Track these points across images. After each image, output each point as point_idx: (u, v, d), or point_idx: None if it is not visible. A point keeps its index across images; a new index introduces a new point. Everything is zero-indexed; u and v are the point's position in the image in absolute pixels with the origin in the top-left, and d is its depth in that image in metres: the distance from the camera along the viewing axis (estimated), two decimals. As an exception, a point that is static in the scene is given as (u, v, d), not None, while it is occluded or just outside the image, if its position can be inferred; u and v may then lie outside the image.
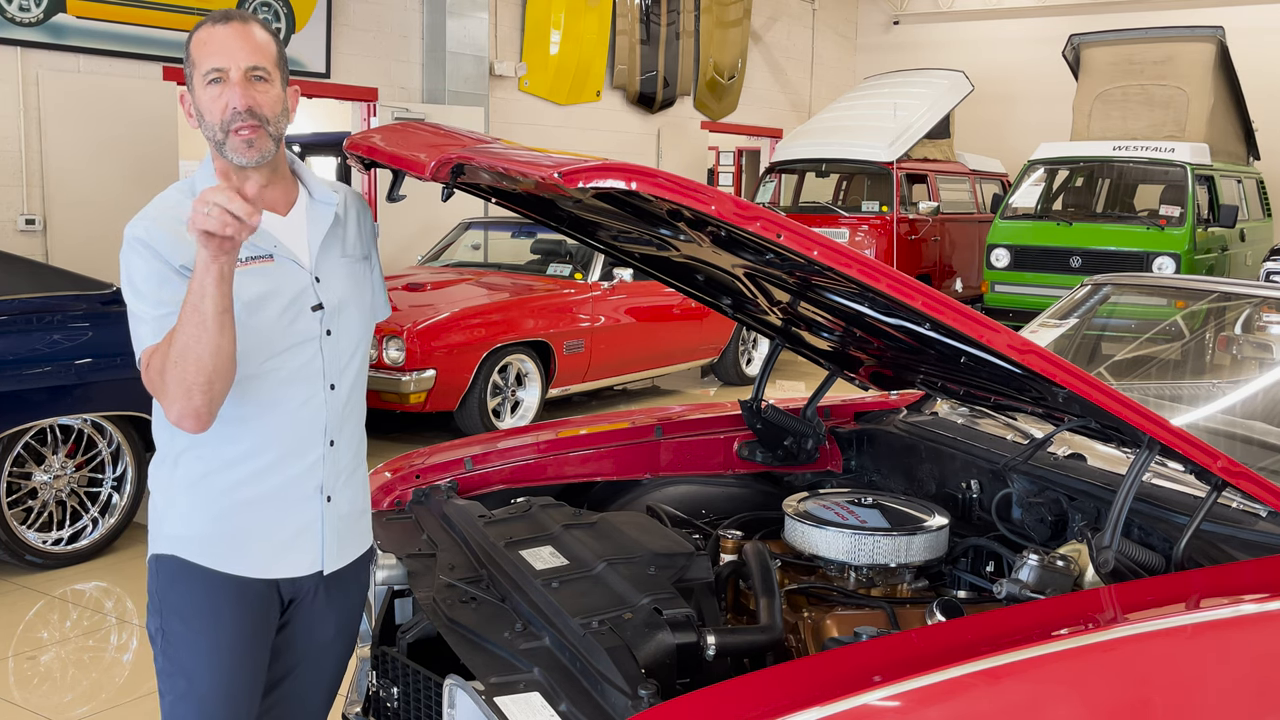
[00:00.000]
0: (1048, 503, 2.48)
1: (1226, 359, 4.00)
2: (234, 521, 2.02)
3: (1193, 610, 1.91)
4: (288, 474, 2.04)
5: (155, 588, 2.05)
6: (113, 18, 8.08)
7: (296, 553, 2.07)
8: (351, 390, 2.12)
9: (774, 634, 1.99)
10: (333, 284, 2.09)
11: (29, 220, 7.75)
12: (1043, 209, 10.96)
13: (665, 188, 1.64)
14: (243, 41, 1.95)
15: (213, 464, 2.00)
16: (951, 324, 1.83)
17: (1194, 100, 10.97)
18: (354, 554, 2.17)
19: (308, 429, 2.05)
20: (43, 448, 4.85)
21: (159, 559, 2.04)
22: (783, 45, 15.98)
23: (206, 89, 1.95)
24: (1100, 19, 14.32)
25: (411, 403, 6.76)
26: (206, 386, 1.83)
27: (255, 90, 1.95)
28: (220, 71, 1.93)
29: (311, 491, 2.07)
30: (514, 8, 11.66)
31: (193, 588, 2.02)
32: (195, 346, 1.80)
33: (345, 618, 2.20)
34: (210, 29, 1.96)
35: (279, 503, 2.04)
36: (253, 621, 2.04)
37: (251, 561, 2.03)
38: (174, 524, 2.03)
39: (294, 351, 2.02)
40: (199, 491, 2.01)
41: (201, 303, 1.79)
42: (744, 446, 3.06)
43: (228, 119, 1.94)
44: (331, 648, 2.20)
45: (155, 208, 2.00)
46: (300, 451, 2.05)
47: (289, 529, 2.06)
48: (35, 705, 3.72)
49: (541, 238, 8.54)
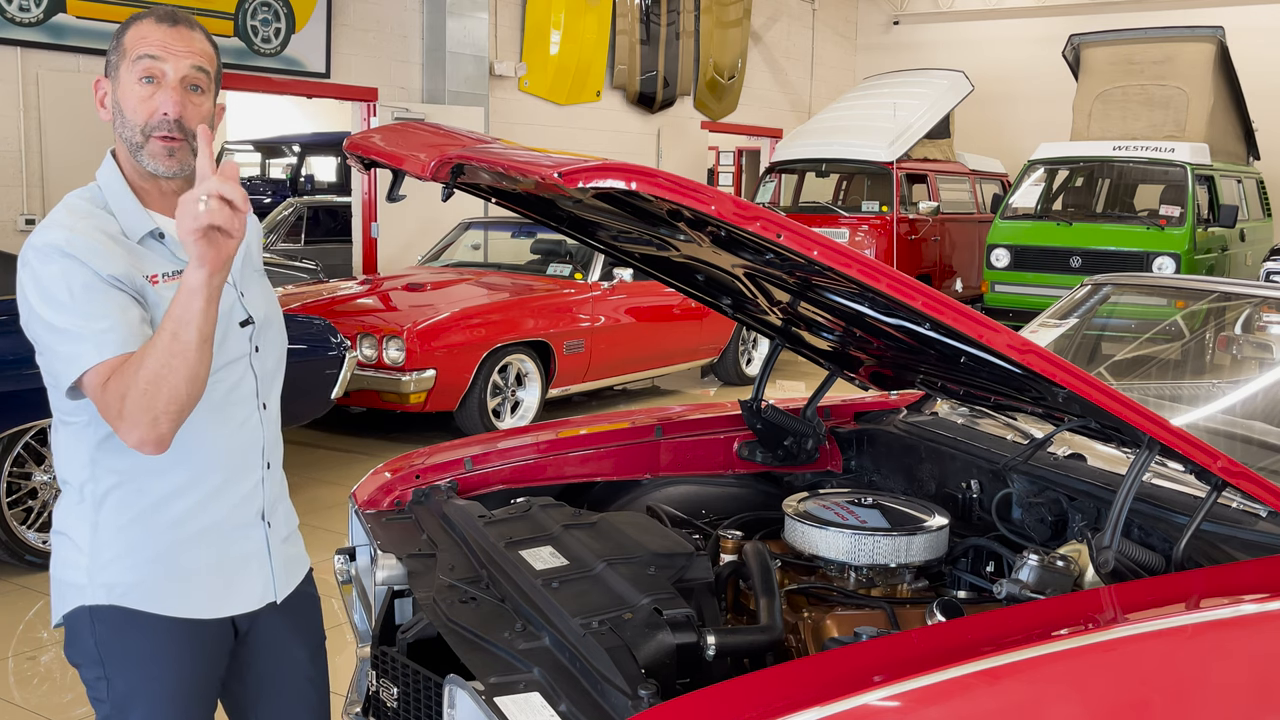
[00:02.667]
0: (1048, 503, 2.48)
1: (1226, 359, 4.00)
2: (179, 560, 1.89)
3: (1192, 610, 1.91)
4: (229, 502, 1.93)
5: (95, 641, 1.87)
6: (113, 18, 8.09)
7: (246, 584, 1.97)
8: (277, 408, 2.04)
9: (774, 634, 1.98)
10: (253, 297, 1.99)
11: (29, 220, 7.75)
12: (1043, 209, 10.97)
13: (665, 188, 1.64)
14: (187, 45, 1.83)
15: (148, 499, 1.86)
16: (951, 324, 1.83)
17: (1194, 100, 10.98)
18: (299, 576, 2.11)
19: (246, 452, 1.95)
20: (43, 448, 4.85)
21: (96, 610, 1.86)
22: (783, 45, 15.99)
23: (137, 85, 1.82)
24: (1100, 19, 14.33)
25: (411, 403, 6.76)
26: (177, 414, 1.68)
27: (189, 100, 1.83)
28: (156, 71, 1.81)
29: (253, 518, 1.98)
30: (514, 8, 11.66)
31: (142, 638, 1.87)
32: (170, 376, 1.65)
33: (311, 637, 2.15)
34: (154, 25, 1.83)
35: (223, 534, 1.93)
36: (207, 663, 1.94)
37: (202, 602, 1.91)
38: (108, 571, 1.86)
39: (227, 371, 1.90)
40: (135, 531, 1.86)
41: (183, 330, 1.64)
42: (744, 446, 3.06)
43: (153, 123, 1.82)
44: (304, 671, 2.13)
45: (67, 217, 1.83)
46: (240, 477, 1.95)
47: (235, 560, 1.95)
48: (35, 705, 3.72)
49: (541, 238, 8.54)
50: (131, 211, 1.88)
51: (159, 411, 1.67)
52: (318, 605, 2.20)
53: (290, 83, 9.51)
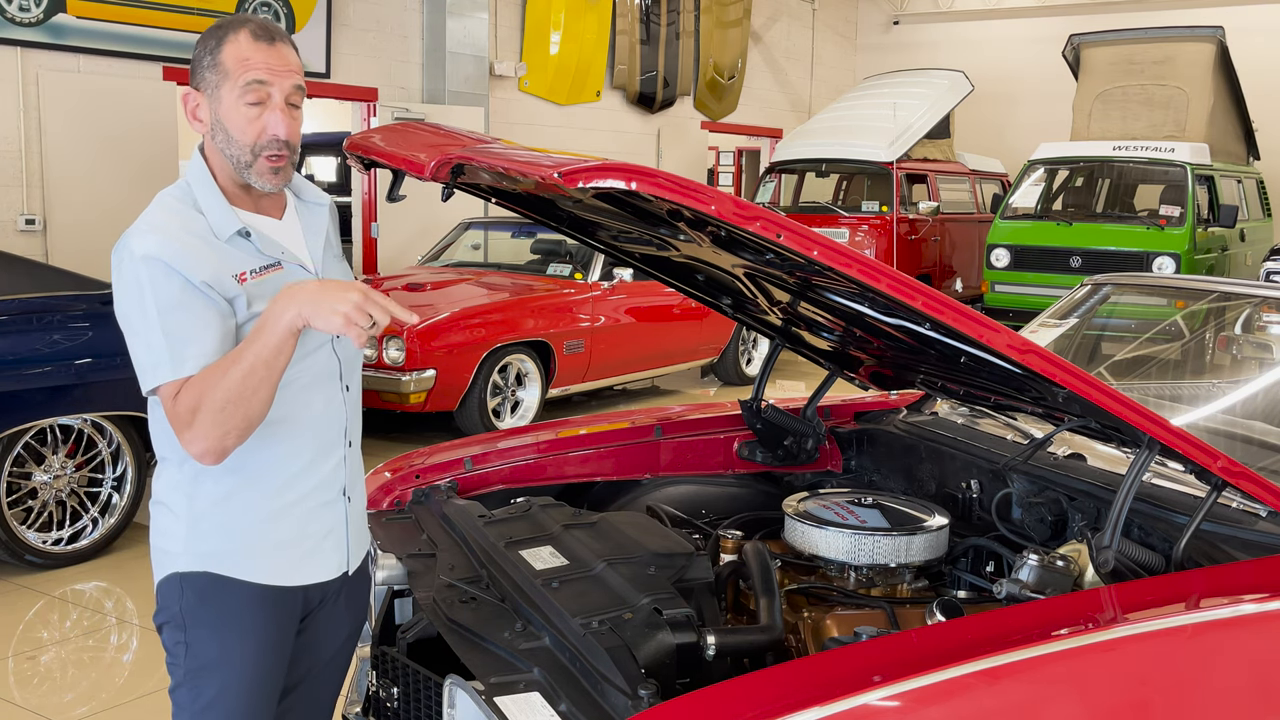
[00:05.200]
0: (1048, 503, 2.48)
1: (1226, 359, 4.01)
2: (268, 532, 1.98)
3: (1192, 610, 1.91)
4: (317, 477, 2.03)
5: (181, 606, 1.97)
6: (113, 18, 8.08)
7: (326, 556, 2.06)
8: (359, 390, 2.14)
9: (774, 634, 1.99)
10: None
11: (29, 220, 7.75)
12: (1043, 209, 10.97)
13: (665, 188, 1.64)
14: (287, 65, 1.90)
15: (242, 476, 1.95)
16: (951, 324, 1.83)
17: (1194, 100, 10.97)
18: (364, 551, 2.19)
19: (331, 432, 2.05)
20: (43, 448, 4.85)
21: (187, 576, 1.97)
22: (783, 45, 15.98)
23: (244, 107, 1.88)
24: (1100, 19, 14.32)
25: (411, 403, 6.76)
26: (245, 431, 1.82)
27: (292, 117, 1.92)
28: (265, 93, 1.88)
29: (336, 494, 2.07)
30: (514, 8, 11.66)
31: (227, 602, 1.97)
32: (251, 399, 1.78)
33: (357, 618, 2.22)
34: (253, 44, 1.88)
35: (310, 508, 2.02)
36: (280, 630, 2.02)
37: (286, 570, 2.01)
38: (203, 540, 1.96)
39: (313, 357, 1.99)
40: (230, 505, 1.96)
41: (276, 359, 1.78)
42: (744, 446, 3.06)
43: (263, 143, 1.89)
44: (345, 649, 2.21)
45: (158, 218, 1.89)
46: (326, 455, 2.04)
47: (319, 534, 2.04)
48: (35, 705, 3.72)
49: (541, 238, 8.54)
50: (219, 210, 1.94)
51: (229, 428, 1.80)
52: (369, 585, 2.28)
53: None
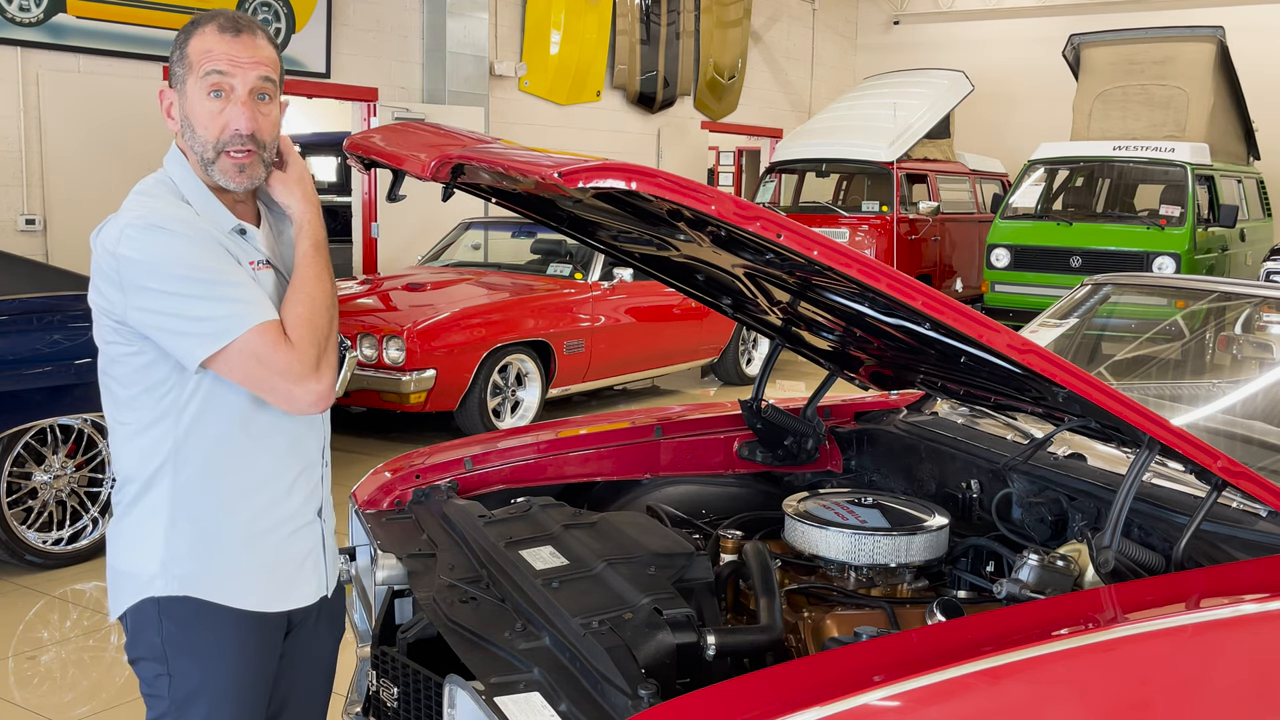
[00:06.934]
0: (1048, 503, 2.48)
1: (1226, 359, 4.01)
2: (251, 553, 1.92)
3: (1193, 610, 1.91)
4: (299, 497, 1.98)
5: (161, 637, 1.87)
6: (113, 18, 8.09)
7: (306, 579, 2.02)
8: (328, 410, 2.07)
9: (774, 634, 1.98)
10: None
11: (29, 220, 7.75)
12: (1043, 209, 10.96)
13: (665, 188, 1.64)
14: (252, 56, 1.83)
15: (227, 492, 1.89)
16: (951, 324, 1.83)
17: (1194, 100, 10.97)
18: (338, 570, 2.15)
19: (311, 449, 2.01)
20: (43, 448, 4.85)
21: (165, 603, 1.87)
22: (783, 45, 15.98)
23: (205, 100, 1.83)
24: (1100, 19, 14.32)
25: (411, 403, 6.76)
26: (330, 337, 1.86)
27: (259, 111, 1.85)
28: (225, 86, 1.82)
29: (313, 514, 2.03)
30: (514, 8, 11.66)
31: (209, 631, 1.88)
32: (321, 290, 1.88)
33: (335, 633, 2.18)
34: (217, 35, 1.82)
35: (291, 530, 1.97)
36: (265, 658, 1.97)
37: (270, 595, 1.95)
38: (183, 562, 1.87)
39: None
40: (211, 523, 1.89)
41: (319, 234, 1.92)
42: (744, 446, 3.06)
43: (225, 139, 1.83)
44: (328, 660, 2.18)
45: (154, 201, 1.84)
46: (307, 473, 2.00)
47: (299, 556, 2.00)
48: (35, 705, 3.72)
49: (541, 238, 8.54)
50: (216, 209, 1.89)
51: (321, 337, 1.85)
52: (343, 596, 2.25)
53: (290, 83, 9.49)
